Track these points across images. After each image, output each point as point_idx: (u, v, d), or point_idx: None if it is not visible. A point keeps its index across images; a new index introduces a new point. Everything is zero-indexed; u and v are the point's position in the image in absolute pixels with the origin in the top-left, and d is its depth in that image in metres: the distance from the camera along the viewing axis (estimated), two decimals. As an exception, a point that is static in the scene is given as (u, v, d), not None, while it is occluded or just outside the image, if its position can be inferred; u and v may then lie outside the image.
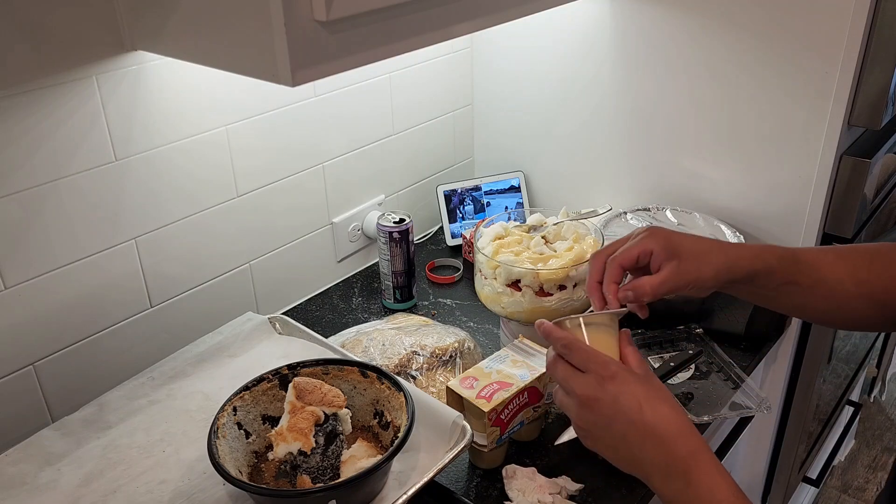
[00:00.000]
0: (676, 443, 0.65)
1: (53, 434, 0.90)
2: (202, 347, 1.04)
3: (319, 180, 1.30)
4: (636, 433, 0.66)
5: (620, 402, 0.67)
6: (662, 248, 0.76)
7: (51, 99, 0.90)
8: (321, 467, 0.82)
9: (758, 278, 0.78)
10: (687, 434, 0.66)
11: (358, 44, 0.74)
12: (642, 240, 0.77)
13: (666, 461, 0.65)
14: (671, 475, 0.65)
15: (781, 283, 0.79)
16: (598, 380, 0.68)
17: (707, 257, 0.76)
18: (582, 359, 0.70)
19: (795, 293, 0.80)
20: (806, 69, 1.13)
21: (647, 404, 0.66)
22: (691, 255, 0.76)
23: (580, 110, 1.41)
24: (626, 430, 0.67)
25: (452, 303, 1.34)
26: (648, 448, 0.66)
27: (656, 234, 0.77)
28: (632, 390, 0.67)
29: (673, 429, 0.66)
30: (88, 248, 0.99)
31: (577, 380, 0.70)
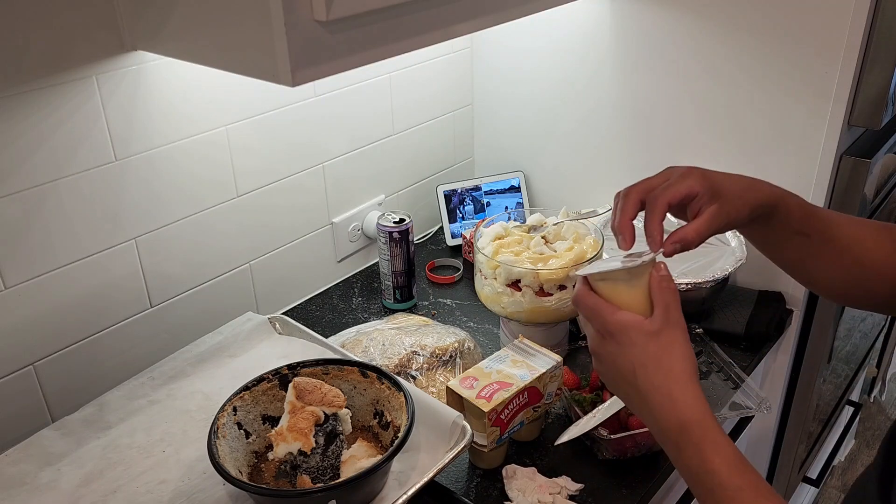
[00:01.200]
0: (667, 415, 0.65)
1: (53, 434, 0.90)
2: (202, 347, 1.04)
3: (319, 180, 1.30)
4: (635, 395, 0.67)
5: (617, 364, 0.67)
6: (706, 189, 0.73)
7: (51, 99, 0.90)
8: (321, 467, 0.82)
9: (777, 218, 0.77)
10: (678, 406, 0.64)
11: (358, 44, 0.74)
12: (686, 179, 0.73)
13: (658, 429, 0.66)
14: (665, 441, 0.66)
15: (795, 232, 0.78)
16: (599, 336, 0.69)
17: (744, 196, 0.74)
18: (586, 314, 0.70)
19: (804, 246, 0.79)
20: (806, 69, 1.13)
21: (641, 370, 0.65)
22: (730, 196, 0.73)
23: (580, 110, 1.41)
24: (626, 388, 0.68)
25: (452, 303, 1.34)
26: (644, 412, 0.67)
27: (696, 174, 0.73)
28: (628, 352, 0.66)
29: (663, 400, 0.65)
30: (88, 248, 0.99)
31: (588, 330, 0.71)
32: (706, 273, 1.18)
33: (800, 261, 0.82)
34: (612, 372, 0.69)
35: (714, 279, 1.17)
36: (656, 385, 0.65)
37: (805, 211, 0.78)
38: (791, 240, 0.79)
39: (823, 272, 0.81)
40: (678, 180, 0.73)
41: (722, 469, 0.62)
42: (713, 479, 0.62)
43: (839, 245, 0.78)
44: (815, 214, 0.78)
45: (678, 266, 1.20)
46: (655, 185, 0.73)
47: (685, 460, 0.64)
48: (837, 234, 0.78)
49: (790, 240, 0.79)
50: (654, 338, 0.66)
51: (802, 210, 0.78)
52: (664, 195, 0.72)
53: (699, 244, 0.72)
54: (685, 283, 1.16)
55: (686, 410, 0.64)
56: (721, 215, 0.72)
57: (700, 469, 0.63)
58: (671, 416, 0.64)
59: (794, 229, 0.78)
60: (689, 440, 0.63)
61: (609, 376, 0.70)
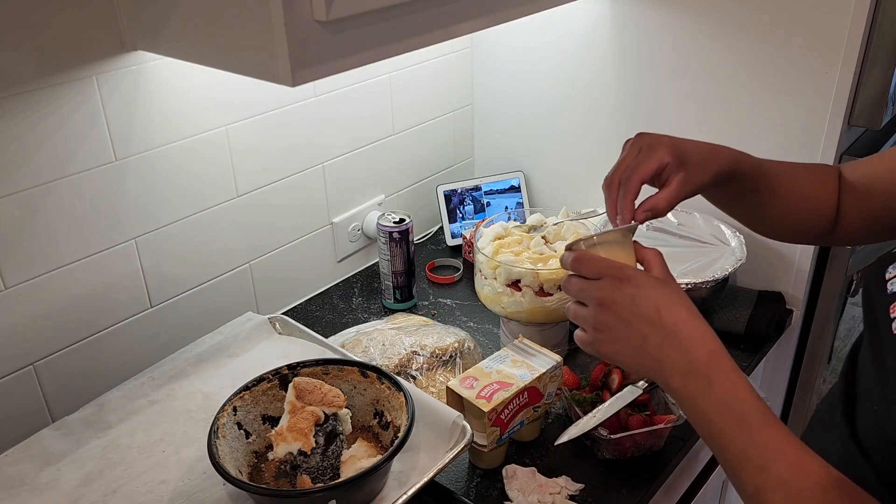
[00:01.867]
0: (697, 345, 0.65)
1: (53, 434, 0.90)
2: (202, 347, 1.04)
3: (319, 180, 1.30)
4: (656, 334, 0.66)
5: (638, 304, 0.66)
6: (675, 159, 0.77)
7: (51, 99, 0.90)
8: (321, 467, 0.82)
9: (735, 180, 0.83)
10: (706, 336, 0.65)
11: (358, 44, 0.74)
12: (655, 152, 0.77)
13: (687, 363, 0.65)
14: (692, 376, 0.65)
15: (748, 189, 0.85)
16: (614, 282, 0.68)
17: (708, 163, 0.79)
18: (595, 268, 0.69)
19: (755, 199, 0.87)
20: (806, 69, 1.13)
21: (665, 307, 0.66)
22: (695, 164, 0.78)
23: (580, 110, 1.41)
24: (645, 331, 0.66)
25: (452, 303, 1.34)
26: (668, 349, 0.66)
27: (665, 144, 0.77)
28: (648, 293, 0.66)
29: (692, 331, 0.65)
30: (88, 248, 0.99)
31: (592, 286, 0.69)
32: (706, 273, 1.18)
33: (751, 212, 0.90)
34: (630, 318, 0.67)
35: (714, 279, 1.17)
36: (683, 318, 0.66)
37: (756, 170, 0.84)
38: (744, 196, 0.86)
39: (771, 218, 0.90)
40: (648, 155, 0.77)
41: (751, 396, 0.63)
42: (746, 404, 0.62)
43: (785, 194, 0.86)
44: (765, 171, 0.85)
45: (678, 266, 1.20)
46: (624, 166, 0.78)
47: (717, 389, 0.63)
48: (783, 185, 0.86)
49: (744, 196, 0.87)
50: (665, 282, 0.69)
51: (755, 169, 0.84)
52: (636, 174, 0.76)
53: (668, 212, 0.78)
54: (685, 283, 1.16)
55: (713, 341, 0.66)
56: (688, 183, 0.77)
57: (733, 396, 0.63)
58: (702, 346, 0.65)
59: (747, 188, 0.84)
60: (721, 367, 0.64)
61: (625, 325, 0.67)
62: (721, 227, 1.27)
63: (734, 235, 1.26)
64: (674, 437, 1.02)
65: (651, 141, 0.78)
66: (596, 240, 0.72)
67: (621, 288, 0.67)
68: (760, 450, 0.60)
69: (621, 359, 0.69)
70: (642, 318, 0.66)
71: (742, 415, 0.62)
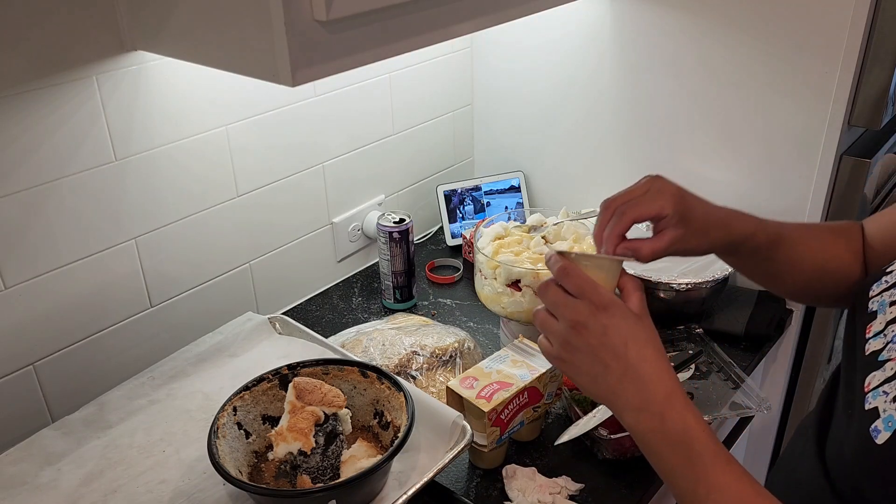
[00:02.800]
0: (655, 384, 0.66)
1: (53, 434, 0.90)
2: (202, 347, 1.04)
3: (319, 180, 1.30)
4: (618, 368, 0.67)
5: (608, 335, 0.67)
6: (676, 213, 0.75)
7: (51, 99, 0.90)
8: (321, 467, 0.82)
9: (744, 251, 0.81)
10: (665, 377, 0.66)
11: (358, 44, 0.74)
12: (658, 199, 0.75)
13: (642, 400, 0.66)
14: (646, 412, 0.66)
15: (761, 259, 0.83)
16: (591, 308, 0.68)
17: (709, 233, 0.77)
18: (578, 285, 0.69)
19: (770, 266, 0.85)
20: (806, 69, 1.13)
21: (634, 343, 0.66)
22: (696, 229, 0.76)
23: (580, 110, 1.41)
24: (609, 362, 0.67)
25: (452, 303, 1.34)
26: (627, 384, 0.67)
27: (671, 193, 0.76)
28: (621, 326, 0.67)
29: (653, 370, 0.66)
30: (88, 247, 0.99)
31: (569, 304, 0.69)
32: (706, 273, 1.18)
33: (766, 277, 0.88)
34: (597, 345, 0.68)
35: (714, 279, 1.17)
36: (647, 357, 0.66)
37: (771, 240, 0.81)
38: (758, 265, 0.85)
39: (788, 284, 0.87)
40: (651, 198, 0.75)
41: (703, 434, 0.64)
42: (696, 444, 0.63)
43: (802, 261, 0.84)
44: (781, 240, 0.82)
45: (678, 266, 1.20)
46: (630, 197, 0.76)
47: (669, 426, 0.64)
48: (800, 253, 0.83)
49: (757, 264, 0.85)
50: (639, 318, 0.69)
51: (769, 240, 0.81)
52: (633, 210, 0.74)
53: (649, 262, 0.76)
54: (685, 283, 1.16)
55: (672, 382, 0.67)
56: (680, 243, 0.76)
57: (683, 435, 0.64)
58: (660, 386, 0.66)
59: (760, 257, 0.83)
60: (675, 407, 0.65)
61: (591, 351, 0.68)
62: (721, 227, 1.27)
63: (734, 235, 1.26)
64: (674, 437, 1.02)
65: (662, 186, 0.76)
66: (585, 261, 0.72)
67: (597, 315, 0.67)
68: (710, 488, 0.62)
69: (580, 381, 0.70)
70: (609, 349, 0.67)
71: (693, 452, 0.63)
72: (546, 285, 0.71)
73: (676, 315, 1.21)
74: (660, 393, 0.65)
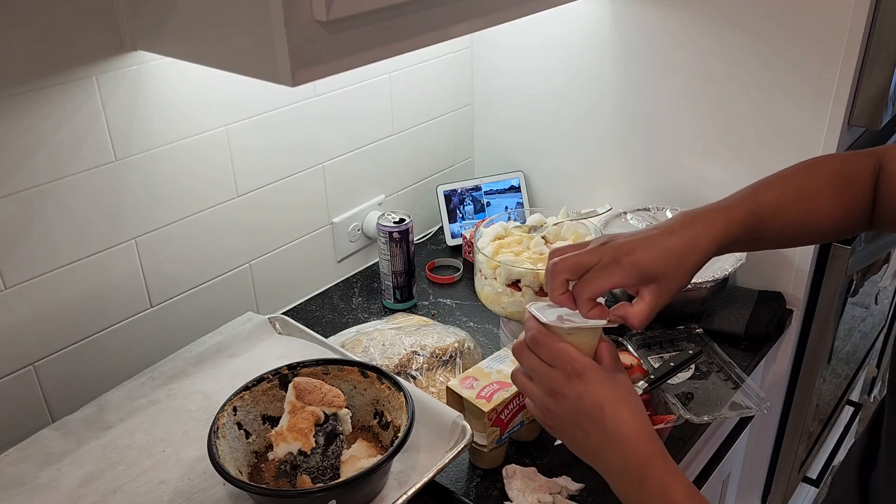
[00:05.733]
0: (634, 447, 0.66)
1: (53, 434, 0.90)
2: (202, 347, 1.04)
3: (319, 180, 1.30)
4: (597, 433, 0.67)
5: (584, 402, 0.67)
6: (635, 279, 0.71)
7: (51, 99, 0.90)
8: (321, 467, 0.82)
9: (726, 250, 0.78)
10: (645, 439, 0.67)
11: (358, 44, 0.74)
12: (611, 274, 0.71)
13: (622, 463, 0.67)
14: (626, 476, 0.67)
15: (748, 242, 0.79)
16: (565, 376, 0.68)
17: (681, 266, 0.72)
18: (550, 355, 0.69)
19: (759, 246, 0.82)
20: (806, 69, 1.13)
21: (610, 407, 0.67)
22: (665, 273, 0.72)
23: (580, 110, 1.41)
24: (588, 428, 0.68)
25: (452, 303, 1.34)
26: (607, 449, 0.67)
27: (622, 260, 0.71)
28: (596, 391, 0.67)
29: (632, 434, 0.66)
30: (88, 248, 0.99)
31: (543, 372, 0.69)
32: (706, 273, 1.18)
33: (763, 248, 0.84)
34: (575, 412, 0.68)
35: (714, 279, 1.17)
36: (624, 420, 0.67)
37: (753, 232, 0.77)
38: (748, 247, 0.81)
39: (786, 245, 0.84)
40: (603, 274, 0.71)
41: (681, 498, 0.65)
42: None
43: (792, 232, 0.80)
44: (764, 227, 0.78)
45: (678, 266, 1.19)
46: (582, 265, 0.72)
47: (647, 490, 0.65)
48: (788, 227, 0.79)
49: (747, 247, 0.81)
50: (615, 378, 0.69)
51: (750, 233, 0.77)
52: (587, 290, 0.71)
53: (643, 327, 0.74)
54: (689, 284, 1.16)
55: (652, 444, 0.67)
56: (662, 293, 0.72)
57: (661, 499, 0.65)
58: (638, 450, 0.66)
59: (748, 245, 0.79)
60: (653, 471, 0.66)
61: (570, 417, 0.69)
62: (721, 227, 1.27)
63: (734, 235, 1.26)
64: (674, 437, 1.02)
65: (613, 257, 0.71)
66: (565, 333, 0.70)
67: (571, 383, 0.68)
68: None
69: (565, 442, 0.72)
70: (586, 415, 0.67)
71: None
72: (521, 349, 0.72)
73: (676, 315, 1.21)
74: (639, 456, 0.66)
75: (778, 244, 0.83)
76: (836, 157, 0.82)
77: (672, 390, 1.07)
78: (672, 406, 0.99)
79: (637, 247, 0.71)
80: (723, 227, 0.75)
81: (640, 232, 0.73)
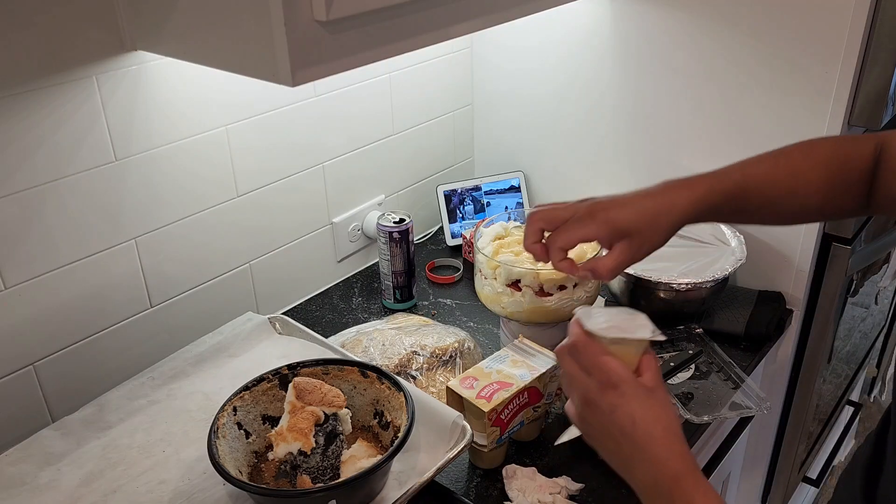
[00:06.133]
0: (664, 465, 0.65)
1: (53, 434, 0.90)
2: (202, 347, 1.04)
3: (319, 180, 1.30)
4: (628, 447, 0.67)
5: (616, 414, 0.67)
6: (608, 234, 0.73)
7: (51, 99, 0.90)
8: (321, 467, 0.82)
9: (709, 216, 0.78)
10: (675, 457, 0.66)
11: (358, 44, 0.74)
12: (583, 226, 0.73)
13: (652, 481, 0.66)
14: (656, 493, 0.66)
15: (731, 215, 0.80)
16: (600, 387, 0.68)
17: (655, 224, 0.74)
18: (588, 362, 0.69)
19: (746, 217, 0.82)
20: (806, 69, 1.13)
21: (642, 423, 0.66)
22: (639, 230, 0.73)
23: (580, 110, 1.41)
24: (619, 440, 0.67)
25: (452, 303, 1.34)
26: (637, 464, 0.67)
27: (597, 215, 0.73)
28: (630, 404, 0.67)
29: (662, 452, 0.66)
30: (88, 248, 0.99)
31: (580, 380, 0.69)
32: (706, 273, 1.18)
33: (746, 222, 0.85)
34: (607, 424, 0.68)
35: (714, 279, 1.17)
36: (655, 437, 0.66)
37: (736, 201, 0.77)
38: (730, 218, 0.81)
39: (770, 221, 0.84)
40: (576, 225, 0.72)
41: None
42: None
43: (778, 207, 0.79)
44: (749, 199, 0.77)
45: (678, 266, 1.20)
46: (558, 217, 0.73)
47: None
48: (774, 202, 0.79)
49: (729, 218, 0.81)
50: (652, 393, 0.68)
51: (732, 203, 0.77)
52: (560, 239, 0.72)
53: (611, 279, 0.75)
54: (685, 283, 1.16)
55: (683, 462, 0.66)
56: (633, 249, 0.73)
57: None
58: (668, 468, 0.65)
59: (730, 216, 0.79)
60: (684, 491, 0.64)
61: (602, 429, 0.69)
62: (721, 227, 1.27)
63: (734, 235, 1.26)
64: (674, 437, 1.02)
65: (588, 212, 0.73)
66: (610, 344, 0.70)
67: (605, 394, 0.67)
68: None
69: (599, 450, 0.71)
70: (617, 428, 0.67)
71: None
72: (562, 354, 0.72)
73: (676, 315, 1.21)
74: (668, 475, 0.65)
75: (762, 219, 0.82)
76: (835, 139, 0.82)
77: (672, 390, 1.07)
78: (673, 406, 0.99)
79: (613, 205, 0.74)
80: (703, 193, 0.75)
81: (621, 194, 0.75)
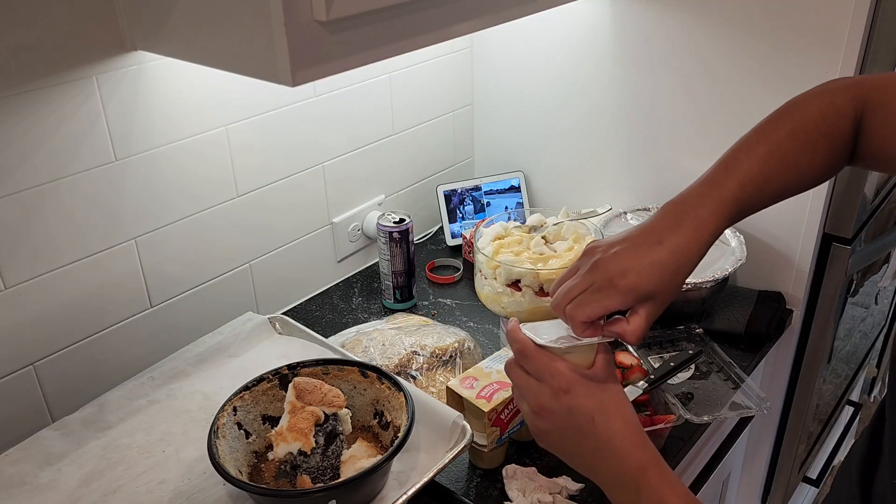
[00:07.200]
0: (627, 458, 0.66)
1: (53, 434, 0.90)
2: (202, 347, 1.04)
3: (319, 180, 1.30)
4: (589, 444, 0.67)
5: (574, 415, 0.66)
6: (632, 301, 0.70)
7: (51, 99, 0.90)
8: (321, 467, 0.82)
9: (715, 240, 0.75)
10: (638, 448, 0.66)
11: (358, 44, 0.74)
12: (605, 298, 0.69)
13: (616, 475, 0.66)
14: (621, 488, 0.66)
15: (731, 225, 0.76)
16: (552, 391, 0.67)
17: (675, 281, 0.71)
18: (536, 368, 0.69)
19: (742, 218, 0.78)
20: (806, 69, 1.13)
21: (600, 418, 0.66)
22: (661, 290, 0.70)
23: (580, 110, 1.41)
24: (579, 440, 0.67)
25: (452, 303, 1.34)
26: (600, 461, 0.67)
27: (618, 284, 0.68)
28: (585, 403, 0.66)
29: (625, 444, 0.66)
30: (88, 248, 0.99)
31: (531, 388, 0.69)
32: (706, 273, 1.18)
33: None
34: (565, 426, 0.67)
35: (714, 279, 1.17)
36: (616, 430, 0.66)
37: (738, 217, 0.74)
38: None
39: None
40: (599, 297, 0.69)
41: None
42: None
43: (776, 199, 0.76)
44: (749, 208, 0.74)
45: (678, 266, 1.19)
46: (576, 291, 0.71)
47: (644, 500, 0.65)
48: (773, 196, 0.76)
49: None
50: (605, 388, 0.68)
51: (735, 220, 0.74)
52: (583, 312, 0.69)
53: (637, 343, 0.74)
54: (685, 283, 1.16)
55: (645, 453, 0.66)
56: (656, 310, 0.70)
57: None
58: (632, 460, 0.65)
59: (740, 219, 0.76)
60: (650, 481, 0.65)
61: (561, 432, 0.68)
62: (721, 227, 1.27)
63: (734, 235, 1.26)
64: (674, 437, 1.02)
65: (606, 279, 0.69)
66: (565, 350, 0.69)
67: (559, 398, 0.67)
68: None
69: (561, 457, 0.70)
70: (576, 428, 0.67)
71: None
72: (510, 366, 0.71)
73: (676, 315, 1.21)
74: (633, 467, 0.65)
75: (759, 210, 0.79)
76: (814, 109, 0.78)
77: (672, 390, 1.07)
78: (672, 406, 0.99)
79: (627, 266, 0.69)
80: (712, 227, 0.72)
81: (625, 240, 0.71)
